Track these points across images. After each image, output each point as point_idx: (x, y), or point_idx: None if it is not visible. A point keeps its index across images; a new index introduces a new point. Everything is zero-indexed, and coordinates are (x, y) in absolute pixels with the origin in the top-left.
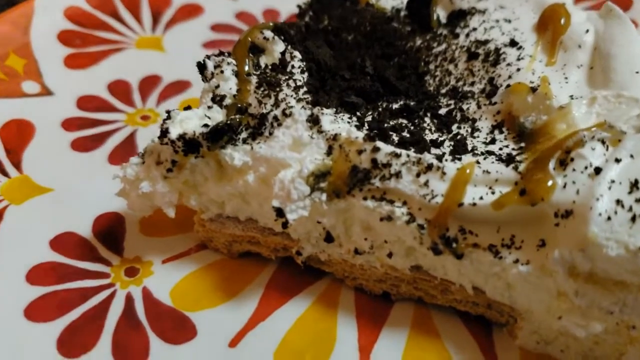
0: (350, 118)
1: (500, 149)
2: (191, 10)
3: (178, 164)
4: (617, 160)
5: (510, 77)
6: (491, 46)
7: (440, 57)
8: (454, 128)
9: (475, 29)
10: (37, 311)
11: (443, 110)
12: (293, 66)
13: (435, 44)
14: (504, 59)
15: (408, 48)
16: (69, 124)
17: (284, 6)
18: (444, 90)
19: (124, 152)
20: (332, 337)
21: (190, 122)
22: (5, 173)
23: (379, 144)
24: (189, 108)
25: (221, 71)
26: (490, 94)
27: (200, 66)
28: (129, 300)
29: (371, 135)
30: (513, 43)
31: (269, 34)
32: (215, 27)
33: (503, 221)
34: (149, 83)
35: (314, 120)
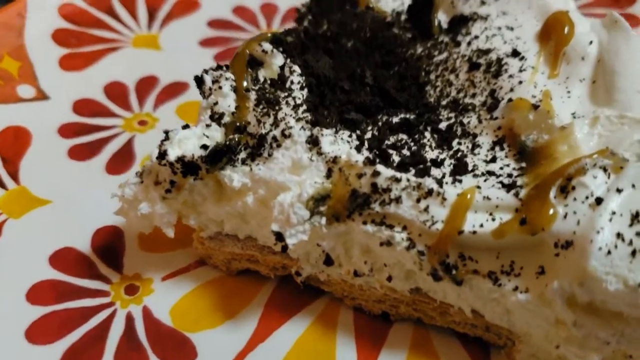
0: (350, 136)
1: (501, 168)
2: (188, 6)
3: (177, 184)
4: (619, 190)
5: (512, 90)
6: (493, 56)
7: (441, 67)
8: (455, 144)
9: (477, 37)
10: (38, 333)
11: (443, 125)
12: (292, 82)
13: (436, 52)
14: (506, 70)
15: (408, 56)
16: (65, 130)
17: (282, 0)
18: (444, 102)
19: (122, 161)
20: (332, 359)
21: (189, 142)
22: (2, 185)
23: (379, 167)
24: (187, 127)
25: (219, 87)
26: (492, 108)
27: (198, 81)
28: (130, 320)
29: (371, 159)
30: (515, 53)
31: (267, 46)
32: (212, 23)
33: (503, 247)
34: (146, 85)
35: (314, 142)
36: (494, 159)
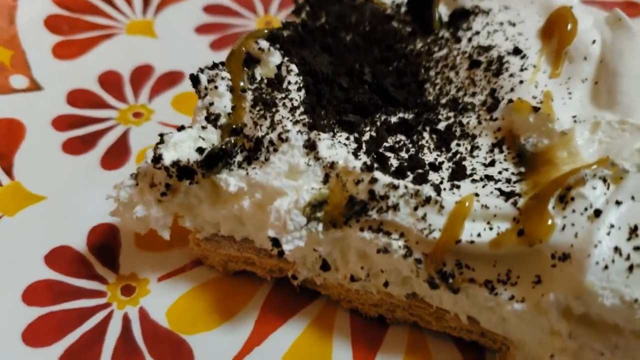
0: (348, 138)
1: (500, 173)
2: None
3: (172, 187)
4: (618, 202)
5: (512, 90)
6: (494, 53)
7: (441, 64)
8: (453, 145)
9: (478, 33)
10: (36, 335)
11: (442, 125)
12: (289, 82)
13: (436, 48)
14: (507, 69)
15: (408, 52)
16: (59, 123)
17: None
18: (444, 101)
19: (117, 155)
20: None
21: (184, 145)
22: None
23: (376, 174)
24: (182, 128)
25: (215, 87)
26: (492, 108)
27: (194, 80)
28: (126, 321)
29: (369, 165)
30: (517, 51)
31: (264, 44)
32: (208, 9)
33: (500, 256)
34: (141, 74)
35: (311, 146)
36: (492, 163)
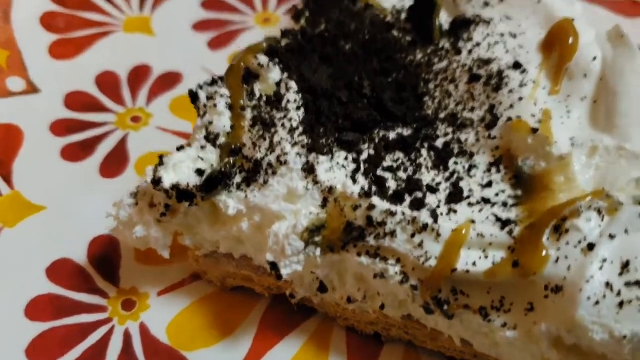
0: (346, 158)
1: (497, 195)
2: None
3: (171, 208)
4: (611, 236)
5: (511, 107)
6: (494, 67)
7: (441, 76)
8: (451, 164)
9: (478, 44)
10: (39, 351)
11: (441, 141)
12: (288, 100)
13: (436, 60)
14: (507, 84)
15: (408, 63)
16: (57, 127)
17: None
18: (442, 115)
19: (116, 163)
20: None
21: (184, 165)
22: None
23: (374, 200)
24: (182, 148)
25: (214, 105)
26: (490, 125)
27: (193, 96)
28: (127, 337)
29: (367, 191)
30: (517, 65)
31: (263, 59)
32: (206, 4)
33: (494, 284)
34: (139, 75)
35: (309, 170)
36: (489, 184)
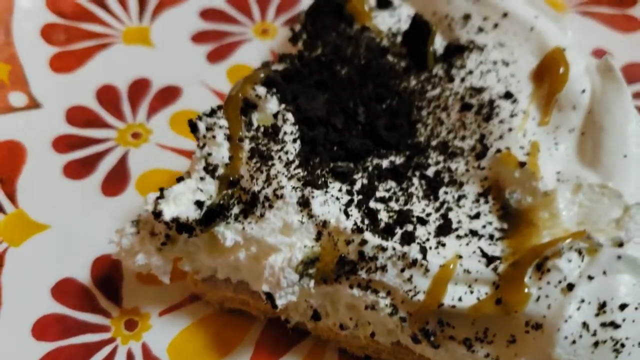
0: (340, 190)
1: (484, 227)
2: None
3: (172, 237)
4: (590, 277)
5: (501, 137)
6: (485, 97)
7: (434, 104)
8: (441, 193)
9: (471, 72)
10: None
11: (432, 170)
12: (285, 132)
13: (429, 87)
14: (497, 114)
15: (402, 89)
16: (59, 144)
17: None
18: (434, 143)
19: (117, 180)
20: None
21: (184, 197)
22: (0, 208)
23: (366, 236)
24: (181, 179)
25: (213, 136)
26: (480, 155)
27: (193, 126)
28: (130, 357)
29: (359, 227)
30: (508, 95)
31: (261, 91)
32: (204, 14)
33: (479, 316)
34: (138, 89)
35: (304, 203)
36: (477, 215)
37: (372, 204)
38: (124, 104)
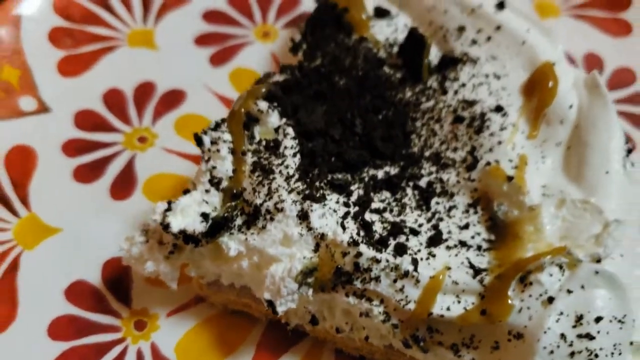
0: (337, 202)
1: (473, 238)
2: None
3: (179, 246)
4: (569, 291)
5: (491, 150)
6: (477, 109)
7: (427, 115)
8: (433, 203)
9: (464, 85)
10: None
11: (424, 180)
12: (286, 146)
13: (424, 99)
14: (488, 127)
15: (397, 100)
16: (68, 148)
17: None
18: (427, 153)
19: (125, 184)
20: None
21: (190, 210)
22: (14, 212)
23: (361, 248)
24: (187, 191)
25: (217, 150)
26: (470, 167)
27: (198, 140)
28: (140, 356)
29: (355, 240)
30: (499, 108)
31: (263, 105)
32: (207, 16)
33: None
34: (144, 93)
35: (304, 216)
36: (467, 226)
37: (368, 215)
38: (130, 108)
